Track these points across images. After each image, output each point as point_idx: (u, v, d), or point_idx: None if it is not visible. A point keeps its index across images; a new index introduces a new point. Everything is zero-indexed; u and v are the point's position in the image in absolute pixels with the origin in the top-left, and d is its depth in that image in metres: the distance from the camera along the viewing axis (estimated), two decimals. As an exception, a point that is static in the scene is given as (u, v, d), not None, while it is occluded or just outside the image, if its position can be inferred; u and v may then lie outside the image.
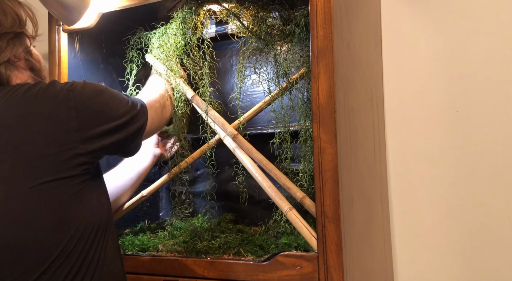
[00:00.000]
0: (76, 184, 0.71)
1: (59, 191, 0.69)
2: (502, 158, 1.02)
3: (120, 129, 0.78)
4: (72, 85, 0.73)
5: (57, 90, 0.71)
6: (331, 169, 0.79)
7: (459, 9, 1.07)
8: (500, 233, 1.01)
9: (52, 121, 0.69)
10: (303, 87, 1.03)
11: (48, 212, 0.68)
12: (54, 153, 0.68)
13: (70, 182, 0.70)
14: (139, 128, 0.84)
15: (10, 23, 0.74)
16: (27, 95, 0.71)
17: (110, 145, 0.76)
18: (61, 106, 0.70)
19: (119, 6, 1.07)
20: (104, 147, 0.75)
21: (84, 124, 0.71)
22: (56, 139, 0.69)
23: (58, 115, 0.70)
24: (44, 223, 0.68)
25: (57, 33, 1.14)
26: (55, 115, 0.69)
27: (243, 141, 1.06)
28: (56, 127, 0.69)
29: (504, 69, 1.02)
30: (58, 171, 0.68)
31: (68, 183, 0.70)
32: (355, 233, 0.86)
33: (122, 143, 0.80)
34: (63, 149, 0.69)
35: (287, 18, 1.05)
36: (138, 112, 0.83)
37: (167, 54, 1.14)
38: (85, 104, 0.72)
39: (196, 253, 0.97)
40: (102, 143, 0.74)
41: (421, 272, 1.08)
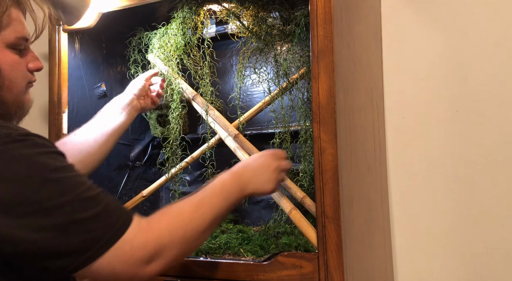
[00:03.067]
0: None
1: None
2: (502, 158, 1.02)
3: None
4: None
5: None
6: (331, 169, 0.78)
7: (459, 9, 1.07)
8: (500, 233, 1.01)
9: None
10: (303, 87, 1.03)
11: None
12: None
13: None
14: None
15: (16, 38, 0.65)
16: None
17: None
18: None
19: (119, 6, 1.07)
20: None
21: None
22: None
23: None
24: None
25: (57, 33, 1.14)
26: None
27: (244, 141, 1.06)
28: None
29: (504, 69, 1.02)
30: None
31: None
32: (355, 233, 0.86)
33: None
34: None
35: (287, 18, 1.06)
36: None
37: (167, 54, 1.14)
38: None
39: (196, 253, 0.97)
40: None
41: (421, 272, 1.08)
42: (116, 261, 0.58)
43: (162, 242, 0.62)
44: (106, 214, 0.58)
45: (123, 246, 0.58)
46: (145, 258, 0.60)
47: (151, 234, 0.62)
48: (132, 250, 0.59)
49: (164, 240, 0.62)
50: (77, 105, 1.16)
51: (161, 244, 0.62)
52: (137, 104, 1.08)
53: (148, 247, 0.61)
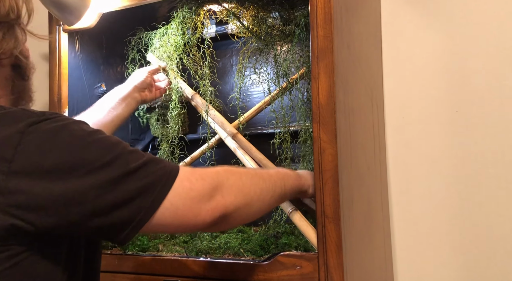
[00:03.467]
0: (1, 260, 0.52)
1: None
2: (502, 158, 1.02)
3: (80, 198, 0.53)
4: (32, 126, 0.53)
5: (3, 128, 0.53)
6: (331, 169, 0.78)
7: (459, 9, 1.07)
8: (500, 233, 1.01)
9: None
10: (303, 87, 1.03)
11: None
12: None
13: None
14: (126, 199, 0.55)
15: (6, 10, 0.61)
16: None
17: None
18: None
19: (119, 6, 1.07)
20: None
21: (14, 188, 0.51)
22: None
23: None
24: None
25: (57, 33, 1.14)
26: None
27: (243, 140, 1.06)
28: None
29: (504, 69, 1.02)
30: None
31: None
32: (355, 233, 0.86)
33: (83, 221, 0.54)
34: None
35: (287, 18, 1.06)
36: (134, 172, 0.56)
37: (168, 54, 1.14)
38: (31, 158, 0.52)
39: (196, 253, 0.97)
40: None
41: (421, 272, 1.08)
42: (179, 199, 0.58)
43: (218, 177, 0.62)
44: (154, 161, 0.59)
45: (182, 183, 0.59)
46: (206, 190, 0.60)
47: (206, 170, 0.63)
48: (191, 184, 0.59)
49: (220, 177, 0.63)
50: (77, 105, 1.16)
51: (219, 179, 0.62)
52: (137, 96, 1.08)
53: (206, 179, 0.61)
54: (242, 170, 0.69)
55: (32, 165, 0.52)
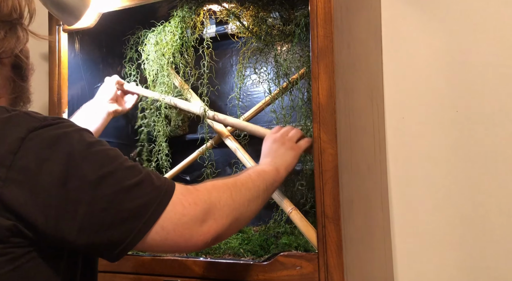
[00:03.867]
0: (2, 263, 0.52)
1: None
2: (502, 158, 1.02)
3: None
4: (33, 132, 0.53)
5: (5, 132, 0.53)
6: (331, 169, 0.78)
7: (459, 9, 1.07)
8: (500, 233, 1.01)
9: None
10: (303, 87, 1.03)
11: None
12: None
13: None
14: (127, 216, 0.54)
15: (9, 9, 0.61)
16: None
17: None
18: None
19: (119, 6, 1.07)
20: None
21: (11, 195, 0.51)
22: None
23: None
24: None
25: (57, 33, 1.14)
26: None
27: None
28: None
29: (504, 69, 1.02)
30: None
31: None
32: (355, 233, 0.86)
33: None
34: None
35: (287, 18, 1.06)
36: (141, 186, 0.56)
37: (162, 52, 1.14)
38: (28, 165, 0.51)
39: (196, 253, 0.97)
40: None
41: (421, 272, 1.08)
42: (169, 224, 0.56)
43: (211, 200, 0.62)
44: (150, 180, 0.57)
45: (175, 207, 0.57)
46: (199, 216, 0.59)
47: (199, 193, 0.62)
48: (184, 209, 0.58)
49: (212, 198, 0.62)
50: (77, 105, 1.16)
51: (211, 202, 0.61)
52: (108, 108, 1.11)
53: (198, 204, 0.60)
54: (230, 184, 0.68)
55: (27, 175, 0.51)
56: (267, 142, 0.89)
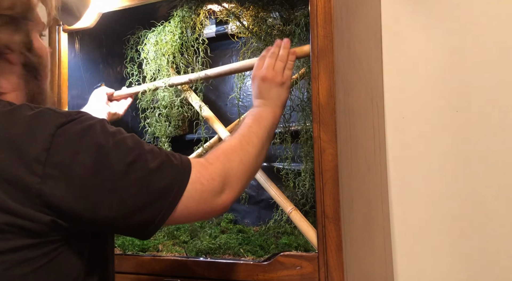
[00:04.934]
0: (39, 257, 0.55)
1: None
2: (502, 158, 1.02)
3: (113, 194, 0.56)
4: (61, 127, 0.55)
5: (36, 130, 0.54)
6: (331, 169, 0.78)
7: (459, 9, 1.07)
8: (500, 233, 1.01)
9: (12, 174, 0.53)
10: (303, 87, 1.03)
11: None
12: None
13: (29, 254, 0.54)
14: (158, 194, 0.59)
15: (7, 4, 0.60)
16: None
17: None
18: (29, 157, 0.53)
19: (119, 6, 1.07)
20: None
21: (49, 189, 0.53)
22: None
23: (20, 169, 0.53)
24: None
25: (57, 33, 1.14)
26: (18, 167, 0.53)
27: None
28: (15, 183, 0.52)
29: (504, 69, 1.02)
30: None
31: (27, 255, 0.54)
32: (355, 233, 0.86)
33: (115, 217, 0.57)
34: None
35: (287, 18, 1.05)
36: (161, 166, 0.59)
37: (162, 51, 1.14)
38: (62, 160, 0.54)
39: (196, 253, 0.97)
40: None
41: (421, 272, 1.08)
42: (192, 201, 0.62)
43: (225, 171, 0.66)
44: (169, 161, 0.61)
45: (195, 186, 0.62)
46: (217, 189, 0.64)
47: (214, 167, 0.66)
48: (203, 186, 0.63)
49: (226, 169, 0.67)
50: (77, 105, 1.16)
51: (225, 172, 0.66)
52: (103, 116, 1.11)
53: (215, 178, 0.65)
54: (238, 148, 0.72)
55: (62, 169, 0.54)
56: (255, 81, 0.88)
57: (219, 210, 0.66)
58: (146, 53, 1.16)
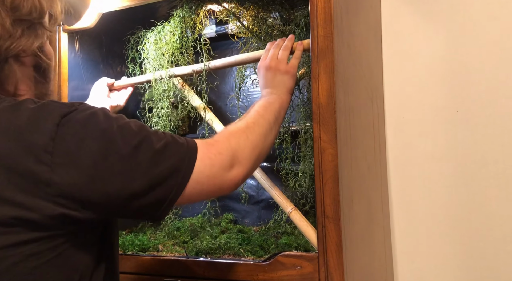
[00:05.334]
0: (47, 250, 0.55)
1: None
2: (502, 158, 1.02)
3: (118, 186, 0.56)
4: (65, 117, 0.55)
5: (41, 121, 0.55)
6: (331, 169, 0.78)
7: (459, 9, 1.07)
8: (500, 233, 1.01)
9: (20, 167, 0.53)
10: (303, 87, 1.03)
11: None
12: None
13: (38, 248, 0.54)
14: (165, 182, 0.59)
15: (28, 9, 0.61)
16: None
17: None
18: (36, 147, 0.53)
19: (119, 6, 1.07)
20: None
21: (59, 178, 0.53)
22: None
23: (29, 159, 0.53)
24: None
25: (57, 33, 1.14)
26: (26, 158, 0.53)
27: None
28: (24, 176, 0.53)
29: (504, 69, 1.02)
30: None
31: (36, 249, 0.54)
32: (355, 233, 0.86)
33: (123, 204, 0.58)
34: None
35: (287, 18, 1.06)
36: (162, 154, 0.59)
37: (162, 51, 1.14)
38: (69, 147, 0.54)
39: (196, 253, 0.97)
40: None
41: (421, 272, 1.08)
42: (203, 177, 0.62)
43: (232, 146, 0.68)
44: (174, 140, 0.62)
45: (203, 161, 0.63)
46: (225, 164, 0.65)
47: (220, 143, 0.67)
48: (211, 160, 0.64)
49: (232, 145, 0.68)
50: (77, 105, 1.16)
51: (232, 148, 0.68)
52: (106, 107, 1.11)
53: (223, 153, 0.66)
54: (243, 127, 0.73)
55: (70, 156, 0.54)
56: (260, 72, 0.90)
57: (231, 185, 0.67)
58: (146, 53, 1.16)
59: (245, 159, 0.69)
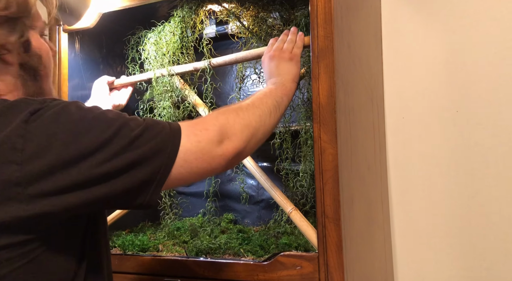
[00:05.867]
0: (20, 255, 0.53)
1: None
2: (502, 158, 1.02)
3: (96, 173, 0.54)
4: (35, 114, 0.53)
5: (8, 120, 0.53)
6: (332, 169, 0.78)
7: (459, 9, 1.07)
8: (500, 233, 1.01)
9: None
10: (303, 87, 1.03)
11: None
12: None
13: (10, 254, 0.52)
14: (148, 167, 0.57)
15: (1, 5, 0.59)
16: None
17: (81, 204, 0.54)
18: (3, 147, 0.51)
19: (119, 6, 1.07)
20: (69, 208, 0.54)
21: (31, 175, 0.51)
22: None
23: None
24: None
25: (57, 33, 1.14)
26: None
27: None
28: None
29: (504, 69, 1.02)
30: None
31: (8, 254, 0.52)
32: (355, 233, 0.86)
33: (110, 196, 0.56)
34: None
35: (288, 18, 1.06)
36: (139, 136, 0.57)
37: (162, 51, 1.14)
38: (40, 144, 0.52)
39: (196, 253, 0.97)
40: (61, 202, 0.53)
41: (421, 272, 1.08)
42: (190, 154, 0.60)
43: (219, 122, 0.65)
44: (155, 123, 0.60)
45: (189, 138, 0.61)
46: (213, 138, 0.63)
47: (205, 120, 0.66)
48: (197, 136, 0.62)
49: (220, 121, 0.66)
50: (77, 105, 1.16)
51: (220, 124, 0.65)
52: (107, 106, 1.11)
53: (208, 128, 0.64)
54: (234, 107, 0.71)
55: (42, 151, 0.52)
56: (265, 62, 0.89)
57: (221, 162, 0.64)
58: (147, 53, 1.16)
59: (235, 135, 0.66)
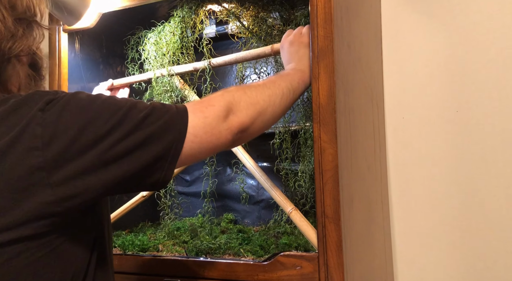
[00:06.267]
0: (39, 246, 0.54)
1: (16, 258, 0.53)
2: (502, 158, 1.02)
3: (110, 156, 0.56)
4: (50, 103, 0.55)
5: (24, 111, 0.55)
6: (332, 169, 0.78)
7: (459, 9, 1.07)
8: (500, 233, 1.01)
9: (11, 156, 0.52)
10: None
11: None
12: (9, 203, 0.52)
13: (30, 244, 0.53)
14: (156, 146, 0.59)
15: (24, 7, 0.62)
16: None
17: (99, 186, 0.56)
18: (24, 135, 0.53)
19: (119, 6, 1.07)
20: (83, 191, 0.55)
21: (52, 160, 0.53)
22: (14, 183, 0.52)
23: (18, 148, 0.52)
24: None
25: (57, 33, 1.14)
26: (15, 148, 0.53)
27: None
28: (15, 165, 0.52)
29: (504, 69, 1.02)
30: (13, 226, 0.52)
31: (27, 245, 0.53)
32: (355, 233, 0.86)
33: (124, 177, 0.58)
34: (22, 197, 0.52)
35: (287, 18, 1.06)
36: (146, 118, 0.59)
37: (162, 51, 1.14)
38: (58, 129, 0.54)
39: (196, 253, 0.97)
40: (83, 184, 0.55)
41: (421, 272, 1.08)
42: (199, 129, 0.63)
43: (225, 98, 0.68)
44: (160, 104, 0.63)
45: (196, 115, 0.63)
46: (219, 113, 0.66)
47: (211, 97, 0.68)
48: (204, 113, 0.64)
49: (225, 97, 0.68)
50: (77, 105, 1.16)
51: (226, 100, 0.67)
52: None
53: (214, 104, 0.66)
54: (242, 86, 0.73)
55: (60, 137, 0.54)
56: (284, 47, 0.88)
57: (227, 136, 0.66)
58: (147, 53, 1.17)
59: (240, 110, 0.68)
